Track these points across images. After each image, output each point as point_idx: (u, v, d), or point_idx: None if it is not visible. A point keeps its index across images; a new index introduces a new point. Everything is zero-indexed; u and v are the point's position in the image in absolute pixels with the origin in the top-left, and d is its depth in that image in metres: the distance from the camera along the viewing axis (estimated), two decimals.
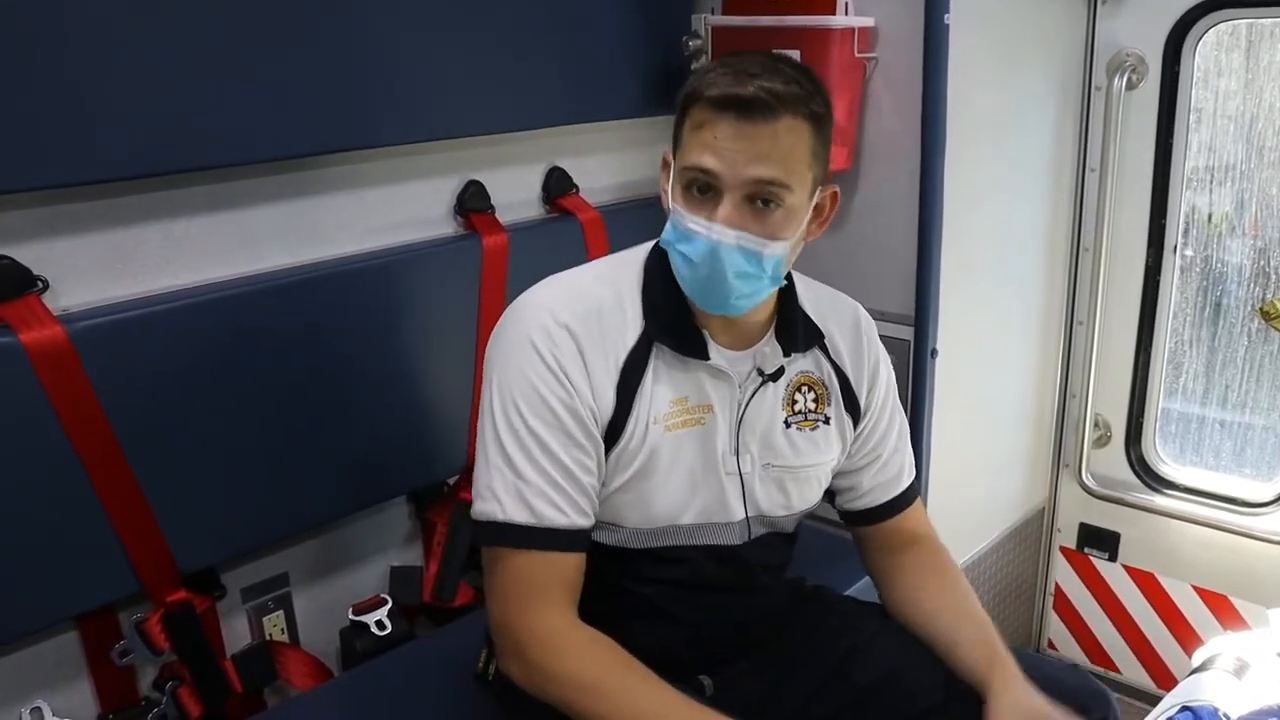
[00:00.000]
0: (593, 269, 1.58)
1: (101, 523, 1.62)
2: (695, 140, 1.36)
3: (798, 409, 1.58)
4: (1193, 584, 2.66)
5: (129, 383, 1.62)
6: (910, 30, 2.06)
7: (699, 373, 1.49)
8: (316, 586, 2.07)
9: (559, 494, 1.40)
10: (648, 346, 1.46)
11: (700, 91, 1.35)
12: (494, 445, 1.42)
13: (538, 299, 1.47)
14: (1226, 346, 2.65)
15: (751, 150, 1.32)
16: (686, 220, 1.38)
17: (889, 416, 1.69)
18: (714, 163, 1.33)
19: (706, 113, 1.34)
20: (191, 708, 1.80)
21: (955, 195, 2.13)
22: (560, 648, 1.39)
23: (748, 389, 1.52)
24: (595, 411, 1.43)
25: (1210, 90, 2.50)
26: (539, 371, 1.41)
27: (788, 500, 1.60)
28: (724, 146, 1.33)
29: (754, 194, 1.35)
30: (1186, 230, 2.58)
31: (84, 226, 1.62)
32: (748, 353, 1.52)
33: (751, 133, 1.32)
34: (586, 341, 1.43)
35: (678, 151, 1.41)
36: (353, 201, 1.93)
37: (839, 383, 1.61)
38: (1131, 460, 2.73)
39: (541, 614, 1.40)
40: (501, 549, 1.41)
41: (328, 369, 1.85)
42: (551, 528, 1.40)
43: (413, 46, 1.87)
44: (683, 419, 1.48)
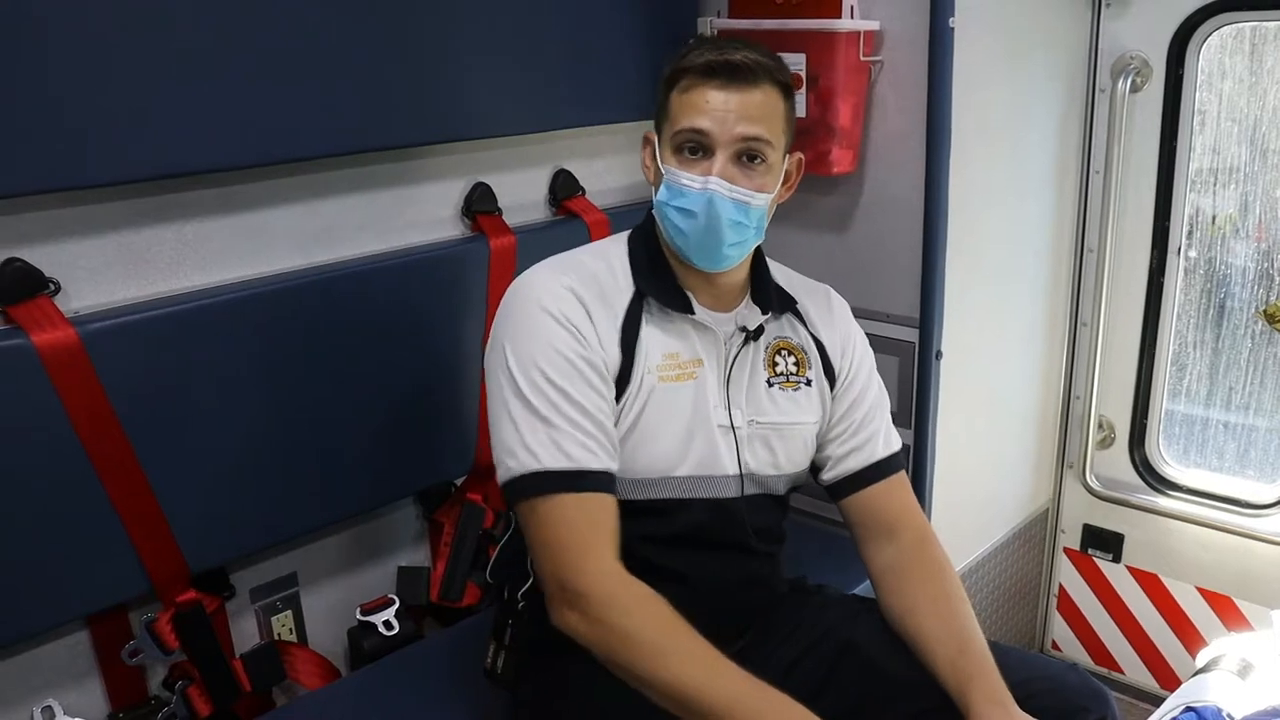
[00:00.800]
0: (580, 249, 1.71)
1: (113, 523, 1.63)
2: (686, 104, 1.50)
3: (779, 371, 1.68)
4: (1196, 585, 2.66)
5: (140, 384, 1.63)
6: (915, 33, 2.07)
7: (686, 327, 1.61)
8: (325, 587, 2.08)
9: (589, 439, 1.48)
10: (640, 304, 1.59)
11: (687, 64, 1.50)
12: (517, 404, 1.49)
13: (537, 272, 1.59)
14: (1230, 348, 2.66)
15: (740, 111, 1.48)
16: (681, 177, 1.51)
17: (863, 383, 1.76)
18: (707, 123, 1.48)
19: (695, 79, 1.50)
20: (201, 707, 1.81)
21: (960, 197, 2.14)
22: (622, 603, 1.44)
23: (732, 346, 1.63)
24: (606, 362, 1.53)
25: (1214, 93, 2.50)
26: (552, 330, 1.50)
27: (775, 459, 1.67)
28: (715, 108, 1.48)
29: (742, 151, 1.50)
30: (1190, 232, 2.59)
31: (95, 228, 1.63)
32: (729, 314, 1.64)
33: (738, 95, 1.48)
34: (590, 300, 1.54)
35: (665, 121, 1.55)
36: (362, 203, 1.94)
37: (816, 348, 1.72)
38: (1135, 462, 2.74)
39: (597, 562, 1.45)
40: (543, 499, 1.46)
41: (336, 370, 1.87)
42: (589, 469, 1.48)
43: (422, 51, 1.88)
44: (675, 373, 1.59)
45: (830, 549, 1.90)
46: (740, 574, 1.66)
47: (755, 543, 1.66)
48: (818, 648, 1.67)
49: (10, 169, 1.47)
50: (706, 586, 1.61)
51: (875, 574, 1.70)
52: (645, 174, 1.62)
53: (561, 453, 1.46)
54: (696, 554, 1.62)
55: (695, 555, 1.62)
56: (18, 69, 1.44)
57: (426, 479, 2.10)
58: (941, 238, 2.13)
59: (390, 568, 2.17)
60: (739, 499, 1.63)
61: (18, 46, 1.44)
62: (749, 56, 1.48)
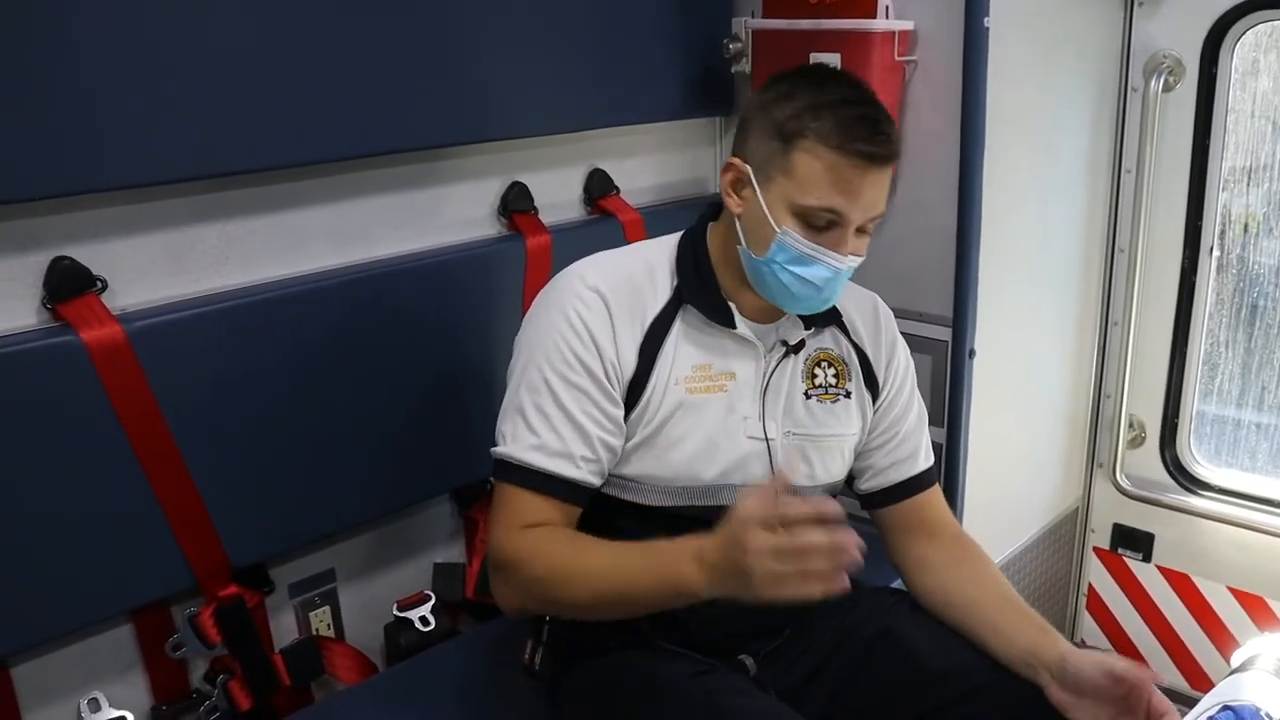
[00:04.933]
0: (627, 247, 1.72)
1: (157, 518, 1.66)
2: (821, 178, 1.44)
3: (818, 383, 1.67)
4: (1228, 585, 2.65)
5: (184, 380, 1.65)
6: (950, 33, 2.07)
7: (724, 341, 1.60)
8: (362, 583, 2.09)
9: (560, 444, 1.50)
10: (674, 311, 1.58)
11: (830, 136, 1.43)
12: (513, 394, 1.55)
13: (573, 269, 1.60)
14: (1263, 348, 2.65)
15: (873, 194, 1.47)
16: (805, 246, 1.48)
17: (906, 397, 1.75)
18: (849, 207, 1.46)
19: (839, 159, 1.43)
20: (241, 700, 1.83)
21: (994, 196, 2.14)
22: (529, 555, 1.47)
23: (772, 359, 1.62)
24: (618, 369, 1.53)
25: (1247, 91, 2.49)
26: (562, 330, 1.52)
27: (812, 470, 1.67)
28: (857, 192, 1.45)
29: (862, 226, 1.50)
30: (1223, 232, 2.58)
31: (141, 228, 1.65)
32: (771, 326, 1.63)
33: (876, 180, 1.46)
34: (615, 304, 1.54)
35: (780, 176, 1.48)
36: (400, 203, 1.96)
37: (858, 360, 1.71)
38: (1166, 461, 2.73)
39: (521, 535, 1.49)
40: (504, 486, 1.52)
41: (375, 367, 1.88)
42: (550, 473, 1.50)
43: (458, 51, 1.90)
44: (705, 384, 1.58)
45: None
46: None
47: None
48: (850, 640, 1.67)
49: (58, 170, 1.49)
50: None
51: (910, 565, 1.72)
52: (727, 202, 1.56)
53: (531, 450, 1.50)
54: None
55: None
56: (65, 73, 1.46)
57: (462, 476, 2.11)
58: (975, 237, 2.13)
59: (426, 564, 2.19)
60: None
61: (64, 52, 1.46)
62: (888, 134, 1.45)
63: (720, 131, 2.52)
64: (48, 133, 1.46)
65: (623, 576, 1.42)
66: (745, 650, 1.64)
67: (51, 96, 1.46)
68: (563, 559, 1.46)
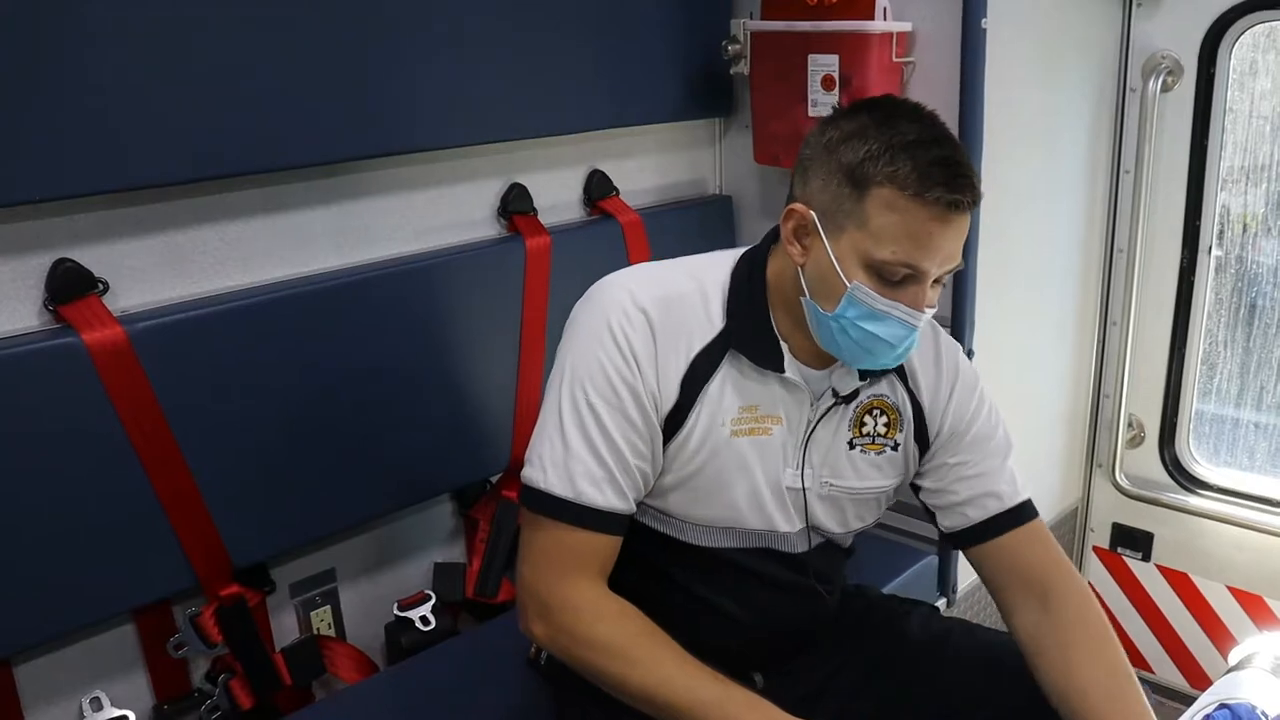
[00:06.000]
0: (680, 263, 1.56)
1: (159, 518, 1.67)
2: (901, 232, 1.32)
3: (865, 431, 1.56)
4: (1227, 584, 2.66)
5: (185, 381, 1.66)
6: (948, 34, 2.08)
7: (773, 384, 1.49)
8: (362, 582, 2.10)
9: (604, 473, 1.42)
10: (722, 349, 1.47)
11: (908, 183, 1.30)
12: (553, 416, 1.44)
13: (621, 280, 1.48)
14: (1262, 348, 2.65)
15: (953, 245, 1.35)
16: (881, 305, 1.36)
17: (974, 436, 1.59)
18: (927, 261, 1.34)
19: (919, 208, 1.31)
20: (243, 699, 1.84)
21: (992, 197, 2.11)
22: (591, 615, 1.42)
23: (820, 408, 1.52)
24: (657, 399, 1.44)
25: (1246, 91, 2.50)
26: (609, 351, 1.42)
27: (844, 519, 1.61)
28: (938, 246, 1.33)
29: (939, 277, 1.38)
30: (1221, 231, 2.58)
31: (142, 229, 1.67)
32: (824, 372, 1.52)
33: (958, 229, 1.34)
34: (661, 329, 1.43)
35: (855, 228, 1.35)
36: (400, 204, 1.97)
37: (913, 411, 1.58)
38: (1165, 460, 2.74)
39: (573, 584, 1.43)
40: (539, 517, 1.44)
41: (375, 368, 1.90)
42: (589, 506, 1.42)
43: (458, 53, 1.91)
44: (749, 426, 1.49)
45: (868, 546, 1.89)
46: (801, 619, 1.65)
47: (817, 585, 1.64)
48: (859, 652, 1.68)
49: (60, 172, 1.51)
50: (766, 628, 1.61)
51: (1024, 638, 1.54)
52: (789, 251, 1.42)
53: (568, 481, 1.42)
54: (756, 598, 1.60)
55: (754, 599, 1.60)
56: (66, 77, 1.48)
57: (463, 477, 2.13)
58: (973, 237, 2.12)
59: (427, 564, 2.19)
60: (805, 552, 1.60)
61: (67, 54, 1.47)
62: (970, 179, 1.32)
63: (719, 133, 2.53)
64: (49, 136, 1.48)
65: (687, 697, 1.36)
66: (755, 667, 1.64)
67: (52, 100, 1.47)
68: (631, 642, 1.41)
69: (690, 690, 1.37)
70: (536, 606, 1.45)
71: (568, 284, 1.53)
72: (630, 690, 1.40)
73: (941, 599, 2.36)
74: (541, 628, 1.45)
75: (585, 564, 1.44)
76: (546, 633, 1.44)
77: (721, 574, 1.57)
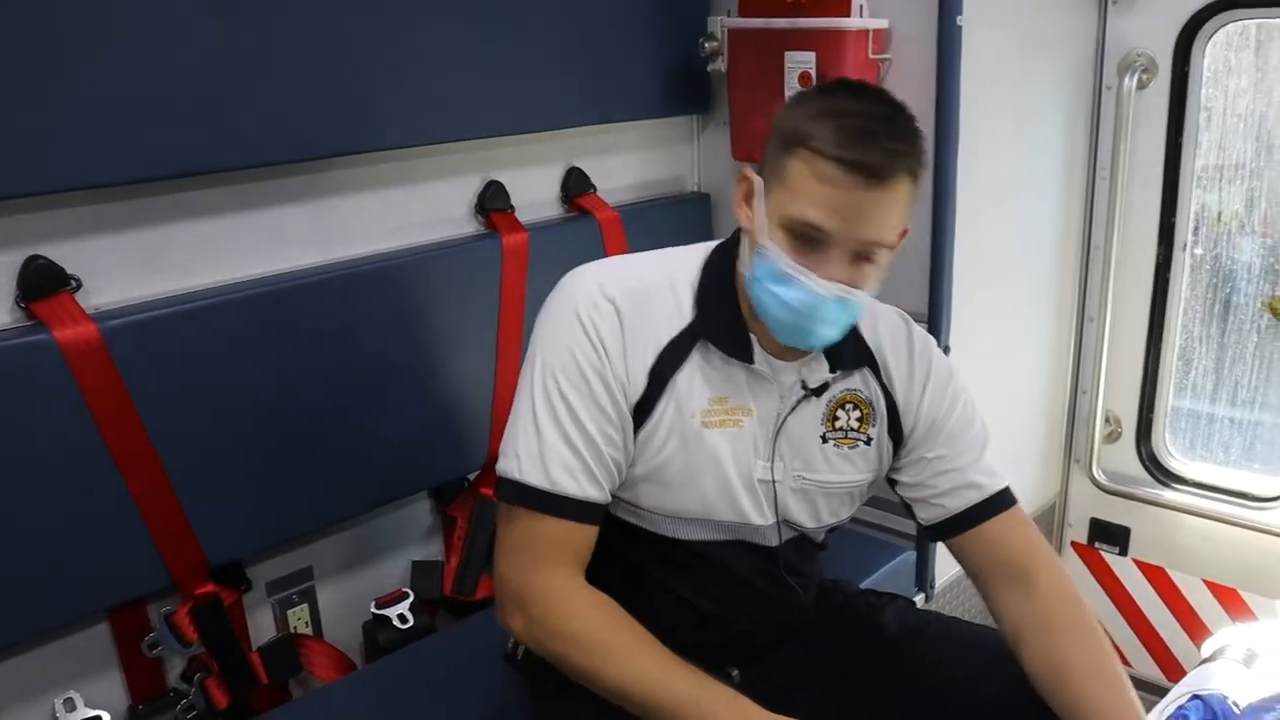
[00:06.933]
0: (651, 255, 1.58)
1: (133, 517, 1.66)
2: (808, 190, 1.33)
3: (838, 425, 1.57)
4: (1203, 578, 2.68)
5: (160, 379, 1.66)
6: (924, 32, 2.08)
7: (742, 375, 1.50)
8: (340, 580, 2.10)
9: (579, 462, 1.42)
10: (691, 340, 1.47)
11: (820, 143, 1.32)
12: (525, 408, 1.45)
13: (591, 271, 1.49)
14: (1236, 343, 2.67)
15: (868, 215, 1.33)
16: (786, 265, 1.36)
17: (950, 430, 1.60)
18: (831, 224, 1.33)
19: (829, 169, 1.31)
20: (219, 698, 1.84)
21: (968, 194, 2.16)
22: (568, 608, 1.43)
23: (790, 400, 1.52)
24: (625, 388, 1.44)
25: (1220, 89, 2.52)
26: (579, 341, 1.43)
27: (816, 513, 1.61)
28: (842, 208, 1.32)
29: (859, 252, 1.36)
30: (1196, 228, 2.60)
31: (115, 227, 1.66)
32: (794, 364, 1.52)
33: (871, 199, 1.32)
34: (629, 319, 1.44)
35: (779, 188, 1.37)
36: (377, 201, 1.96)
37: (886, 406, 1.59)
38: (1142, 456, 2.75)
39: (549, 574, 1.43)
40: (515, 508, 1.45)
41: (351, 366, 1.89)
42: (565, 495, 1.42)
43: (435, 49, 1.91)
44: (720, 418, 1.49)
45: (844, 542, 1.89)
46: (773, 607, 1.64)
47: (790, 579, 1.64)
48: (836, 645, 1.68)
49: (33, 169, 1.50)
50: (736, 615, 1.61)
51: (1006, 623, 1.55)
52: (737, 216, 1.44)
53: (543, 471, 1.42)
54: (730, 592, 1.60)
55: (728, 593, 1.60)
56: (40, 73, 1.47)
57: (440, 474, 2.13)
58: (949, 234, 2.14)
59: (404, 562, 2.19)
60: (776, 546, 1.60)
61: (40, 51, 1.46)
62: (890, 149, 1.31)
63: (697, 129, 2.53)
64: (21, 132, 1.47)
65: (664, 691, 1.37)
66: (731, 661, 1.64)
67: (24, 97, 1.46)
68: (608, 636, 1.41)
69: (666, 685, 1.38)
70: (514, 599, 1.45)
71: (545, 281, 1.52)
72: (606, 684, 1.40)
73: (920, 594, 2.37)
74: (519, 621, 1.45)
75: (561, 555, 1.44)
76: (524, 626, 1.45)
77: (695, 568, 1.57)
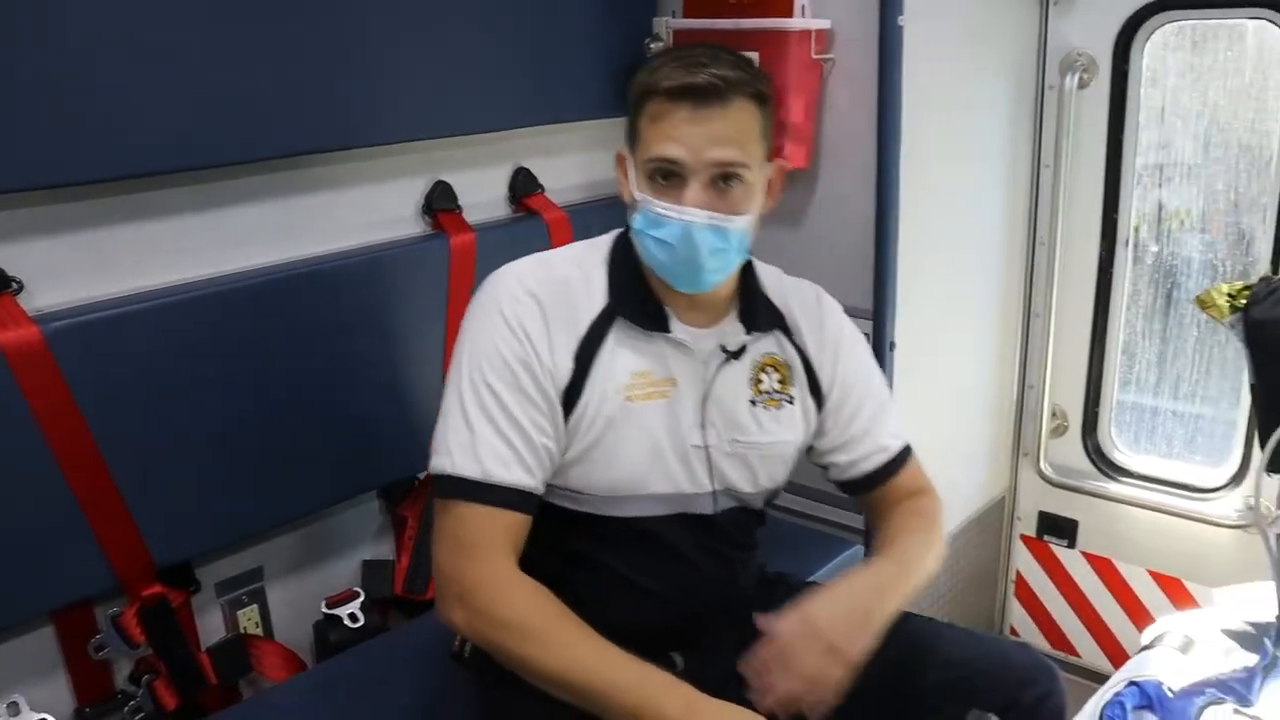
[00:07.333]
0: (562, 250, 1.67)
1: (77, 519, 1.66)
2: (655, 132, 1.44)
3: (763, 389, 1.63)
4: (1148, 568, 2.73)
5: (105, 381, 1.65)
6: (865, 32, 2.11)
7: (662, 346, 1.56)
8: (290, 581, 2.10)
9: (509, 451, 1.46)
10: (609, 320, 1.54)
11: (654, 85, 1.44)
12: (454, 402, 1.49)
13: (508, 270, 1.56)
14: (1178, 338, 2.72)
15: (710, 135, 1.42)
16: (656, 206, 1.46)
17: (861, 391, 1.71)
18: (678, 151, 1.42)
19: (663, 104, 1.43)
20: (167, 700, 1.83)
21: (912, 191, 2.19)
22: (506, 596, 1.44)
23: (712, 365, 1.58)
24: (553, 374, 1.49)
25: (1159, 88, 2.57)
26: (502, 334, 1.48)
27: (754, 476, 1.65)
28: (684, 134, 1.42)
29: (716, 175, 1.44)
30: (1138, 225, 2.65)
31: (60, 228, 1.65)
32: (711, 330, 1.59)
33: (707, 118, 1.41)
34: (551, 308, 1.50)
35: (637, 145, 1.49)
36: (323, 202, 1.97)
37: (802, 364, 1.67)
38: (1088, 449, 2.80)
39: (486, 563, 1.45)
40: (451, 501, 1.47)
41: (299, 366, 1.90)
42: (498, 484, 1.45)
43: (382, 51, 1.92)
44: (646, 391, 1.55)
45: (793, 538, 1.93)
46: (715, 585, 1.66)
47: (730, 552, 1.67)
48: None
49: None
50: (677, 594, 1.62)
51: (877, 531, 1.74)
52: (621, 194, 1.55)
53: (476, 461, 1.45)
54: (671, 568, 1.61)
55: (670, 569, 1.61)
56: None
57: (390, 474, 2.13)
58: (892, 231, 2.17)
59: (355, 561, 2.19)
60: (714, 515, 1.63)
61: None
62: (717, 74, 1.41)
63: None
64: None
65: (603, 678, 1.38)
66: (674, 648, 1.65)
67: None
68: (547, 624, 1.42)
69: (605, 670, 1.39)
70: (452, 590, 1.47)
71: None
72: (546, 672, 1.41)
73: None
74: (459, 613, 1.46)
75: (497, 544, 1.46)
76: (464, 618, 1.46)
77: (635, 546, 1.59)
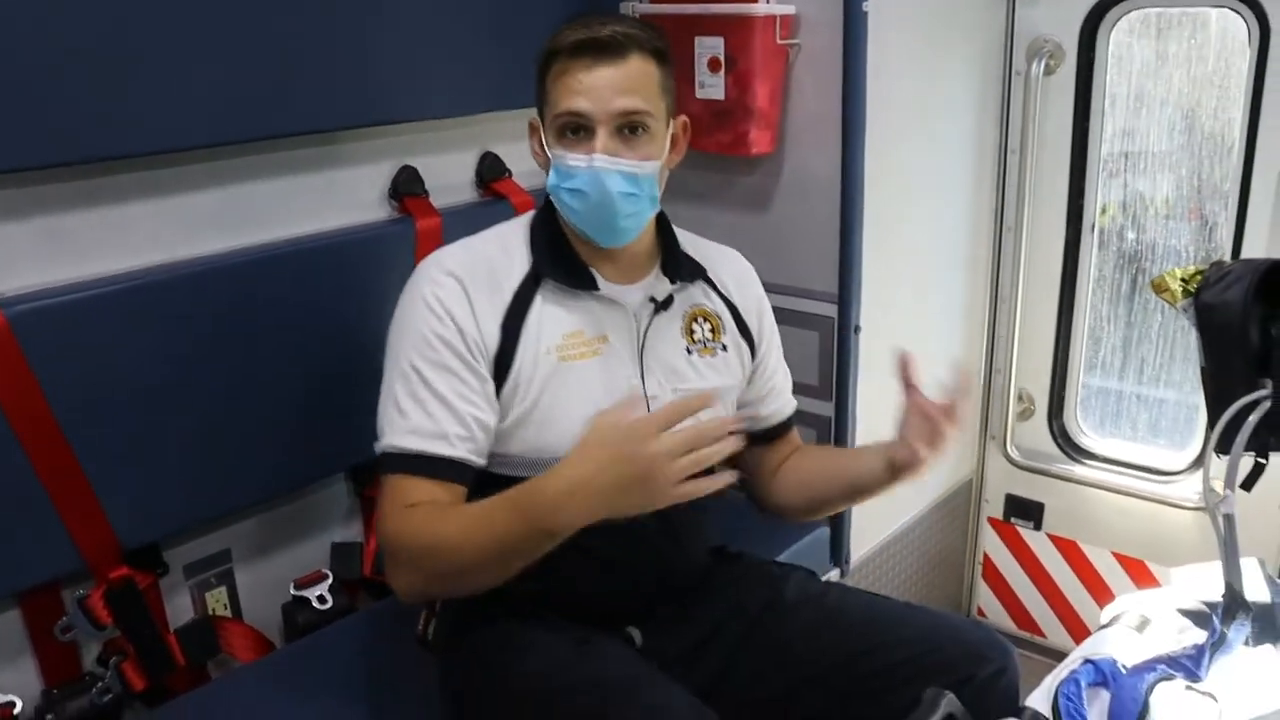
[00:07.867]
0: (482, 232, 1.71)
1: (42, 501, 1.66)
2: (561, 88, 1.52)
3: (697, 338, 1.71)
4: (1112, 550, 2.76)
5: (68, 365, 1.66)
6: (831, 17, 2.12)
7: (591, 305, 1.62)
8: (259, 563, 2.11)
9: (434, 426, 1.52)
10: (534, 284, 1.60)
11: (557, 45, 1.53)
12: (387, 389, 1.57)
13: (431, 257, 1.63)
14: (1142, 323, 2.76)
15: (612, 85, 1.50)
16: (567, 158, 1.53)
17: (777, 351, 1.87)
18: (583, 103, 1.50)
19: (566, 61, 1.51)
20: (135, 681, 1.84)
21: (878, 177, 2.21)
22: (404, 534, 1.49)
23: (644, 317, 1.65)
24: (481, 345, 1.55)
25: (1124, 75, 2.59)
26: (424, 316, 1.55)
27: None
28: (588, 86, 1.50)
29: (622, 124, 1.52)
30: (1103, 210, 2.68)
31: (20, 212, 1.65)
32: (637, 285, 1.66)
33: (609, 70, 1.50)
34: (472, 284, 1.56)
35: (545, 106, 1.57)
36: (289, 186, 1.97)
37: (730, 314, 1.76)
38: (1054, 432, 2.84)
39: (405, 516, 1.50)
40: (387, 477, 1.54)
41: (265, 349, 1.90)
42: (431, 455, 1.51)
43: (348, 34, 1.92)
44: (579, 351, 1.60)
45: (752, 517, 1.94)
46: (665, 544, 1.68)
47: (680, 516, 1.64)
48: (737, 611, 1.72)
49: None
50: (630, 561, 1.64)
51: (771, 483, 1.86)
52: (536, 161, 1.62)
53: (406, 438, 1.52)
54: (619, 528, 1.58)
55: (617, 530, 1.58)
56: None
57: (358, 455, 2.08)
58: (858, 216, 2.19)
59: (324, 543, 2.20)
60: None
61: None
62: (616, 30, 1.50)
63: None
64: None
65: (492, 527, 1.43)
66: (632, 623, 1.67)
67: None
68: (443, 525, 1.47)
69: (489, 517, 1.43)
70: (390, 555, 1.52)
71: None
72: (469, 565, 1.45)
73: (835, 569, 2.42)
74: (402, 575, 1.51)
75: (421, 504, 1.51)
76: (407, 579, 1.51)
77: None
